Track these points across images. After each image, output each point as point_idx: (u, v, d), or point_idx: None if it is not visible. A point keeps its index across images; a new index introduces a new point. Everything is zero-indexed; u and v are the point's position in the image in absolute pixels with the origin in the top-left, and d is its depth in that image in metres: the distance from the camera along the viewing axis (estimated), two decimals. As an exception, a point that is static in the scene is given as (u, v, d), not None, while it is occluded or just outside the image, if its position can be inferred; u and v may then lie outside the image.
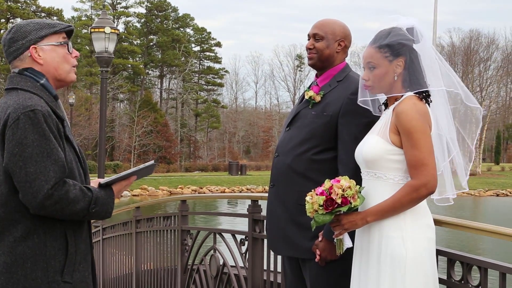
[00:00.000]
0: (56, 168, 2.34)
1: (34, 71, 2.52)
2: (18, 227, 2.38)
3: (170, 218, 6.04)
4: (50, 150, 2.34)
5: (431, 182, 2.58)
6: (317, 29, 3.17)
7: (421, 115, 2.63)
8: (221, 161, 63.12)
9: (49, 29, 2.54)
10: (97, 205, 2.43)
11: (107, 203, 2.48)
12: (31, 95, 2.44)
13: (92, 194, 2.42)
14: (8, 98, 2.46)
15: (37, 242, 2.39)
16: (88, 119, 49.36)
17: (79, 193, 2.38)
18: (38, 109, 2.36)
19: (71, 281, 2.44)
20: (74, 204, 2.36)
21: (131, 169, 2.60)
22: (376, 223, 2.65)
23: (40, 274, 2.39)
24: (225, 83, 74.57)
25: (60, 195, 2.33)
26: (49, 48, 2.54)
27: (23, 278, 2.37)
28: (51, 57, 2.54)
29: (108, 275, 7.91)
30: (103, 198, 2.46)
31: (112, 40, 11.06)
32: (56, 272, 2.41)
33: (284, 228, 3.13)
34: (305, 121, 3.13)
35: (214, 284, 5.01)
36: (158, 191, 41.16)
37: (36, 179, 2.30)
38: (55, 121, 2.42)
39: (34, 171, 2.31)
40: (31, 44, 2.51)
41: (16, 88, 2.47)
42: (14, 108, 2.36)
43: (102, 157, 11.50)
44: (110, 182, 2.54)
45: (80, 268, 2.49)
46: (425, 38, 2.73)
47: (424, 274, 2.59)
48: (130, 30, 63.91)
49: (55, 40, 2.55)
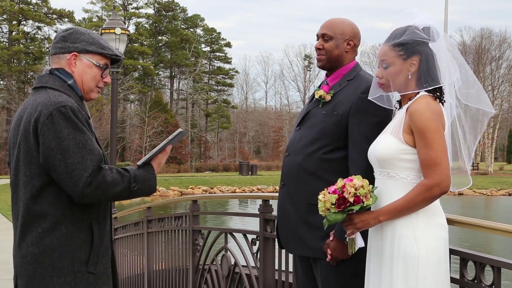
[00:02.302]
0: (92, 157, 2.44)
1: (64, 71, 2.63)
2: (47, 218, 2.47)
3: (181, 218, 6.05)
4: (85, 141, 2.45)
5: (444, 182, 2.57)
6: (325, 29, 3.16)
7: (435, 114, 2.61)
8: (232, 161, 63.20)
9: (97, 48, 2.66)
10: (137, 182, 2.53)
11: (148, 179, 2.58)
12: (60, 93, 2.54)
13: (130, 174, 2.53)
14: (37, 96, 2.56)
15: (64, 233, 2.48)
16: (99, 120, 49.55)
17: (116, 175, 2.49)
18: (69, 104, 2.47)
19: (94, 271, 2.54)
20: (114, 186, 2.47)
21: (164, 141, 2.68)
22: (389, 223, 2.64)
23: (66, 264, 2.48)
24: (235, 83, 74.74)
25: (98, 180, 2.43)
26: (87, 62, 2.65)
27: (50, 268, 2.47)
28: (84, 71, 2.65)
29: (120, 275, 7.93)
30: (142, 175, 2.56)
31: (122, 41, 11.11)
32: (82, 262, 2.51)
33: (295, 228, 3.13)
34: (316, 120, 3.12)
35: (225, 283, 5.01)
36: (169, 192, 41.26)
37: (75, 169, 2.41)
38: (85, 116, 2.53)
39: (72, 162, 2.41)
40: (75, 51, 2.63)
41: (45, 87, 2.58)
42: (45, 105, 2.46)
43: (113, 158, 11.55)
44: (147, 160, 2.63)
45: (102, 260, 2.59)
46: (441, 37, 2.71)
47: (436, 273, 2.57)
48: (140, 31, 64.09)
49: (97, 60, 2.67)
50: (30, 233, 2.48)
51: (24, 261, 2.49)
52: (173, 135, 2.66)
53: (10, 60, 57.30)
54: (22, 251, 2.49)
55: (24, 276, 2.49)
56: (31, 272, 2.47)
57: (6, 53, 56.51)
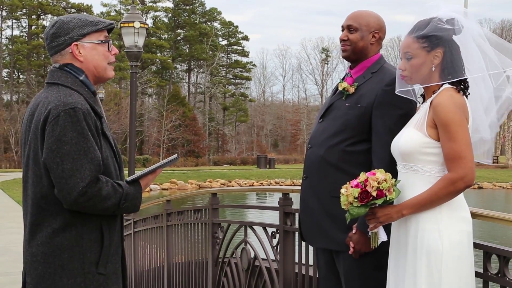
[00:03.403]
0: (92, 167, 2.40)
1: (74, 67, 2.59)
2: (57, 219, 2.45)
3: (201, 211, 6.06)
4: (87, 148, 2.40)
5: (468, 175, 2.54)
6: (351, 20, 3.14)
7: (458, 107, 2.59)
8: (249, 154, 63.25)
9: (91, 27, 2.60)
10: (127, 200, 2.51)
11: (135, 198, 2.56)
12: (72, 92, 2.50)
13: (123, 190, 2.50)
14: (49, 93, 2.52)
15: (74, 234, 2.46)
16: (117, 114, 49.85)
17: (111, 190, 2.45)
18: (79, 107, 2.43)
19: (105, 272, 2.51)
20: (106, 201, 2.44)
21: (155, 164, 2.69)
22: (413, 216, 2.62)
23: (76, 265, 2.45)
24: (252, 77, 74.66)
25: (93, 192, 2.39)
26: (90, 45, 2.60)
27: (59, 269, 2.44)
28: (91, 55, 2.60)
29: (140, 267, 7.98)
30: (132, 193, 2.54)
31: (141, 34, 11.13)
32: (92, 263, 2.48)
33: (318, 220, 3.12)
34: (339, 112, 3.10)
35: (245, 277, 5.02)
36: (187, 185, 41.38)
37: (72, 176, 2.37)
38: (94, 119, 2.48)
39: (70, 168, 2.37)
40: (73, 41, 2.58)
41: (57, 84, 2.54)
42: (55, 105, 2.42)
43: (132, 151, 11.60)
44: (136, 178, 2.62)
45: (112, 260, 2.56)
46: (466, 29, 2.67)
47: (460, 267, 2.55)
48: (158, 25, 64.26)
49: (96, 38, 2.61)
50: (40, 232, 2.46)
51: (34, 259, 2.47)
52: (167, 160, 2.67)
53: (29, 54, 57.82)
54: (32, 249, 2.48)
55: (34, 275, 2.47)
56: (41, 272, 2.45)
57: (26, 47, 57.04)
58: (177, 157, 2.77)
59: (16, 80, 61.02)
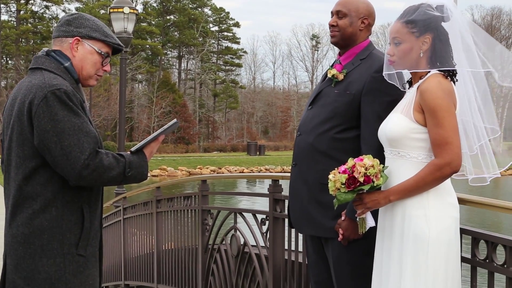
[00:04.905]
0: (89, 140, 2.45)
1: (61, 53, 2.63)
2: (38, 200, 2.48)
3: (191, 198, 6.07)
4: (81, 123, 2.45)
5: (455, 161, 2.55)
6: (340, 6, 3.13)
7: (446, 93, 2.59)
8: (240, 141, 63.20)
9: (101, 35, 2.66)
10: (131, 168, 2.57)
11: (141, 166, 2.62)
12: (55, 76, 2.54)
13: (125, 159, 2.56)
14: (33, 77, 2.55)
15: (54, 215, 2.50)
16: (107, 100, 49.59)
17: (112, 160, 2.51)
18: (63, 88, 2.47)
19: (84, 254, 2.56)
20: (110, 171, 2.50)
21: (157, 131, 2.72)
22: (400, 202, 2.63)
23: (56, 246, 2.49)
24: (243, 64, 74.40)
25: (95, 163, 2.45)
26: (89, 48, 2.65)
27: (39, 249, 2.48)
28: (85, 56, 2.65)
29: (130, 254, 7.98)
30: (136, 161, 2.60)
31: (131, 20, 11.04)
32: (72, 245, 2.52)
33: (307, 207, 3.13)
34: (328, 99, 3.10)
35: (235, 263, 5.04)
36: (177, 172, 41.37)
37: (71, 151, 2.42)
38: (79, 100, 2.52)
39: (68, 144, 2.42)
40: (78, 36, 2.63)
41: (41, 68, 2.57)
42: (39, 87, 2.46)
43: (122, 138, 11.56)
44: (140, 148, 2.66)
45: (92, 243, 2.61)
46: (456, 16, 2.67)
47: (447, 253, 2.57)
48: (148, 11, 63.85)
49: (99, 47, 2.67)
50: (21, 213, 2.49)
51: (14, 241, 2.50)
52: (167, 125, 2.70)
53: (18, 39, 57.29)
54: (12, 231, 2.51)
55: (14, 256, 2.50)
56: (21, 252, 2.48)
57: (14, 32, 56.51)
58: (177, 121, 2.78)
59: (4, 65, 60.56)
